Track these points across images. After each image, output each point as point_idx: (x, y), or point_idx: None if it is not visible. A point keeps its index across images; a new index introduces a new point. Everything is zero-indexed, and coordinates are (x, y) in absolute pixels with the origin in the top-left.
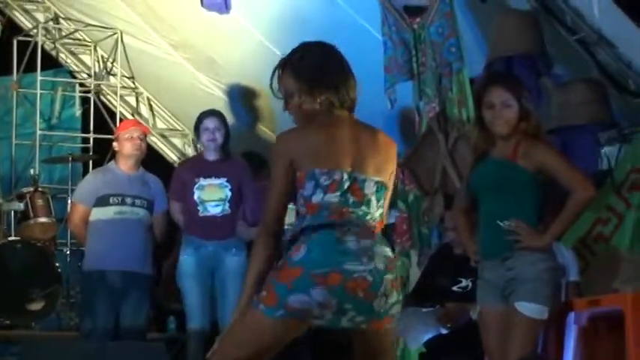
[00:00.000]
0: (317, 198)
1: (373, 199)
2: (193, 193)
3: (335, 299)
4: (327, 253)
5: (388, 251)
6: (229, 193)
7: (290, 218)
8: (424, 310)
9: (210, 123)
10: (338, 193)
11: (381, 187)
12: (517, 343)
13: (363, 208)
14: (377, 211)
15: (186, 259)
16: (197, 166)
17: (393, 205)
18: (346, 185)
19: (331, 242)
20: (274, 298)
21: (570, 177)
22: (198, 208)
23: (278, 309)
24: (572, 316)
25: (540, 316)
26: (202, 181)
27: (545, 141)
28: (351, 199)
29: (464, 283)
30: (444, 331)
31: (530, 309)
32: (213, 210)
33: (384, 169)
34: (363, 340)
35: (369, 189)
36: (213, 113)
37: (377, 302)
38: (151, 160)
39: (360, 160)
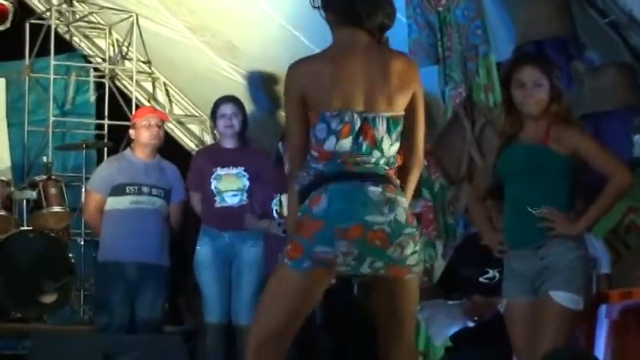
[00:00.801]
0: (330, 145)
1: (386, 137)
2: (210, 182)
3: (357, 249)
4: (350, 206)
5: (406, 203)
6: (247, 183)
7: None
8: (450, 302)
9: (227, 109)
10: (350, 138)
11: (393, 122)
12: (550, 334)
13: (376, 153)
14: (391, 150)
15: (203, 250)
16: (214, 155)
17: (419, 193)
18: (357, 127)
19: (353, 192)
20: (300, 250)
21: (608, 162)
22: (215, 198)
23: (304, 260)
24: (603, 309)
25: (576, 306)
26: (219, 171)
27: (578, 124)
28: (364, 145)
29: (491, 273)
30: (471, 324)
31: (566, 298)
32: (231, 200)
33: (396, 101)
34: (383, 288)
35: (381, 127)
36: (230, 99)
37: (391, 250)
38: (168, 147)
39: (369, 94)
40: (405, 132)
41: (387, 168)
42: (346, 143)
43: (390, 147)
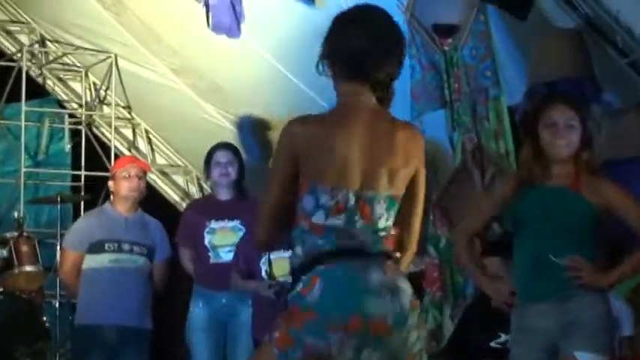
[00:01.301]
0: (319, 219)
1: (384, 216)
2: (204, 237)
3: (354, 340)
4: (346, 295)
5: (410, 288)
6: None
7: None
8: None
9: (222, 157)
10: (343, 217)
11: (392, 202)
12: None
13: (371, 229)
14: (388, 224)
15: (197, 313)
16: (207, 208)
17: (422, 250)
18: (352, 205)
19: (350, 279)
20: (289, 341)
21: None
22: (210, 254)
23: (295, 351)
24: None
25: None
26: (214, 224)
27: (608, 178)
28: (359, 222)
29: (503, 338)
30: None
31: (590, 359)
32: (226, 256)
33: (398, 177)
34: None
35: (380, 207)
36: (225, 146)
37: (395, 339)
38: (150, 199)
39: (370, 170)
40: (401, 212)
41: (383, 239)
42: (338, 220)
43: (386, 223)
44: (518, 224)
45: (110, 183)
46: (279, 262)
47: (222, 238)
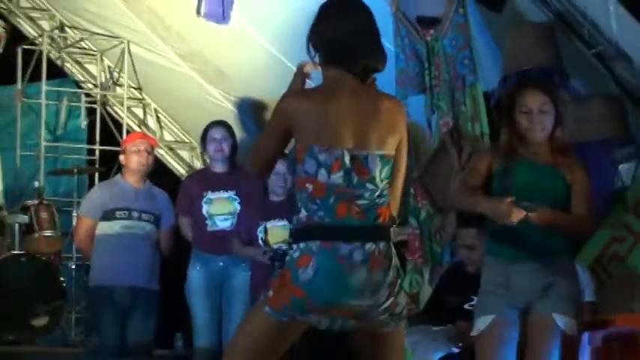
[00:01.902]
0: (323, 177)
1: (378, 174)
2: (201, 207)
3: (330, 320)
4: (333, 288)
5: (392, 276)
6: (238, 207)
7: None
8: (435, 328)
9: (216, 133)
10: (341, 173)
11: (385, 161)
12: (547, 354)
13: (369, 186)
14: (383, 184)
15: (195, 275)
16: (204, 180)
17: (405, 221)
18: (348, 163)
19: (339, 274)
20: (279, 305)
21: (584, 208)
22: (207, 222)
23: (283, 315)
24: (586, 336)
25: (573, 332)
26: (210, 195)
27: (579, 159)
28: (355, 179)
29: (475, 301)
30: (455, 350)
31: (568, 324)
32: (222, 224)
33: (387, 141)
34: (362, 337)
35: (373, 165)
36: (220, 123)
37: (366, 320)
38: (158, 173)
39: (360, 134)
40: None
41: (379, 209)
42: (338, 177)
43: (382, 182)
44: (504, 193)
45: (121, 157)
46: (274, 231)
47: (219, 208)
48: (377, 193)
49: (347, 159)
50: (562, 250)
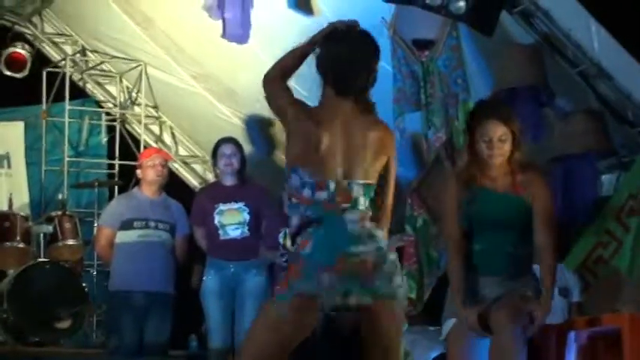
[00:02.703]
0: (307, 194)
1: (361, 198)
2: (214, 218)
3: (342, 283)
4: (331, 244)
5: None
6: (248, 217)
7: None
8: (431, 328)
9: (226, 149)
10: (325, 194)
11: (367, 188)
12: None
13: (352, 205)
14: (364, 207)
15: (209, 280)
16: (216, 192)
17: (400, 229)
18: (332, 189)
19: (333, 230)
20: (286, 286)
21: (545, 226)
22: (219, 232)
23: (287, 294)
24: (572, 334)
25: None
26: (222, 206)
27: (535, 167)
28: (339, 199)
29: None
30: None
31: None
32: (233, 233)
33: (372, 170)
34: (368, 319)
35: (357, 191)
36: (229, 140)
37: (379, 282)
38: (174, 185)
39: (347, 165)
40: (377, 195)
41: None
42: (322, 195)
43: (364, 205)
44: (472, 221)
45: (138, 171)
46: None
47: (230, 218)
48: (359, 208)
49: (331, 186)
50: (524, 273)
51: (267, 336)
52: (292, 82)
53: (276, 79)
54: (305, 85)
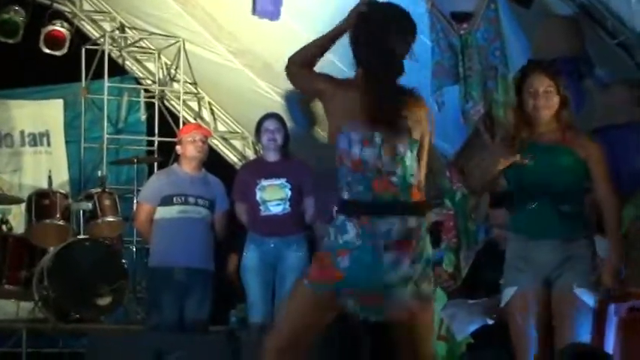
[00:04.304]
0: (356, 152)
1: (407, 154)
2: (255, 193)
3: (362, 312)
4: (367, 274)
5: (426, 250)
6: (289, 193)
7: None
8: (470, 301)
9: (270, 124)
10: (372, 149)
11: (413, 145)
12: (572, 327)
13: (399, 165)
14: (413, 165)
15: (249, 255)
16: (258, 168)
17: (441, 203)
18: (378, 143)
19: (371, 260)
20: (318, 281)
21: (606, 181)
22: (260, 207)
23: (322, 288)
24: (612, 307)
25: (592, 304)
26: (263, 182)
27: (590, 137)
28: (385, 156)
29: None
30: (490, 322)
31: (587, 296)
32: (275, 209)
33: (413, 130)
34: (396, 329)
35: (401, 146)
36: (273, 115)
37: (392, 304)
38: (213, 161)
39: (390, 123)
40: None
41: (412, 188)
42: (370, 152)
43: (412, 162)
44: (522, 181)
45: (177, 147)
46: None
47: (271, 194)
48: (408, 172)
49: (377, 139)
50: (579, 234)
51: (295, 319)
52: (333, 57)
53: (300, 68)
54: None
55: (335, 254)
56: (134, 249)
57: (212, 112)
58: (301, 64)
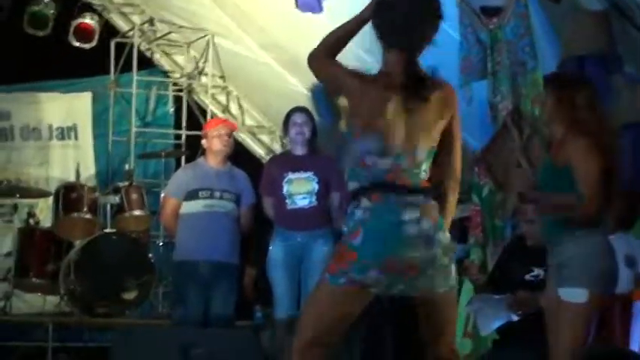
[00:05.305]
0: (370, 160)
1: (425, 162)
2: (282, 187)
3: (387, 280)
4: (385, 242)
5: (446, 238)
6: (316, 186)
7: None
8: (496, 297)
9: (298, 118)
10: (390, 159)
11: (430, 151)
12: (563, 329)
13: (416, 171)
14: (425, 169)
15: (276, 250)
16: (285, 161)
17: (468, 199)
18: (398, 153)
19: (389, 226)
20: (337, 270)
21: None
22: (287, 201)
23: (340, 277)
24: (638, 304)
25: (579, 299)
26: (291, 175)
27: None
28: (405, 164)
29: (536, 272)
30: (515, 318)
31: (569, 293)
32: (301, 202)
33: (434, 132)
34: (418, 304)
35: (422, 155)
36: (301, 109)
37: (422, 280)
38: (240, 155)
39: (410, 131)
40: (443, 154)
41: (422, 179)
42: (386, 162)
43: (425, 167)
44: None
45: (203, 141)
46: None
47: (298, 187)
48: (420, 175)
49: (398, 150)
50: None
51: (320, 315)
52: (361, 52)
53: (323, 59)
54: (373, 55)
55: (349, 239)
56: (161, 243)
57: (240, 106)
58: (325, 54)
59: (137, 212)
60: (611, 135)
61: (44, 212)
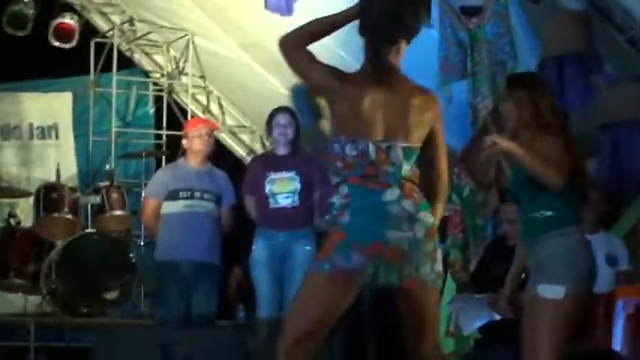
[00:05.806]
0: (349, 157)
1: (403, 162)
2: (265, 186)
3: (372, 265)
4: (369, 222)
5: (429, 218)
6: (299, 186)
7: None
8: (477, 296)
9: (282, 119)
10: (370, 155)
11: (409, 152)
12: (540, 327)
13: (393, 169)
14: (407, 170)
15: (258, 249)
16: (268, 161)
17: (447, 199)
18: (373, 155)
19: (373, 206)
20: (324, 255)
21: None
22: (269, 200)
23: (325, 263)
24: (620, 303)
25: (556, 295)
26: (273, 175)
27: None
28: (382, 161)
29: None
30: (497, 317)
31: (546, 290)
32: (284, 202)
33: (413, 134)
34: (402, 294)
35: (396, 156)
36: (285, 109)
37: (407, 268)
38: (221, 155)
39: (388, 127)
40: (428, 164)
41: (401, 177)
42: (363, 161)
43: (406, 168)
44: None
45: (184, 141)
46: None
47: (281, 187)
48: (399, 175)
49: (371, 150)
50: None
51: (308, 309)
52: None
53: (298, 46)
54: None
55: (336, 219)
56: (142, 243)
57: (220, 106)
58: (297, 43)
59: (118, 212)
60: (573, 138)
61: (25, 212)
